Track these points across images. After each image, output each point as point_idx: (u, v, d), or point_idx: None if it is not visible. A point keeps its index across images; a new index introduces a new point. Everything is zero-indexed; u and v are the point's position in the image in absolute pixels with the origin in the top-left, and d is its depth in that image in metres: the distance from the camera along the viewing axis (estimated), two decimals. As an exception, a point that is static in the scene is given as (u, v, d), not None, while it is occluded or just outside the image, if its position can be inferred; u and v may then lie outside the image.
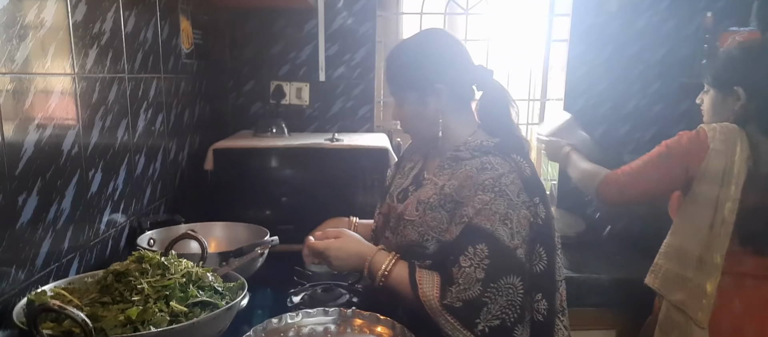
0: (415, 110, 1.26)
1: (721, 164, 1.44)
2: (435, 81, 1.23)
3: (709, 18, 2.31)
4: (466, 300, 1.09)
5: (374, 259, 1.22)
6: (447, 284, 1.12)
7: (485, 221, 1.11)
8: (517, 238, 1.12)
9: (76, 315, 0.75)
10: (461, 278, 1.10)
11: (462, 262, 1.11)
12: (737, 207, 1.42)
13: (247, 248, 1.31)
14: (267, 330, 1.10)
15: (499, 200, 1.12)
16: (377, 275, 1.20)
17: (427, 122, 1.26)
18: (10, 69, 0.95)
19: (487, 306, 1.08)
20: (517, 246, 1.11)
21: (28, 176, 1.00)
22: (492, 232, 1.11)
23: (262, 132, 2.17)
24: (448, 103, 1.25)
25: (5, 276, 0.95)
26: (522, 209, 1.14)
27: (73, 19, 1.15)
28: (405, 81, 1.26)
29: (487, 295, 1.09)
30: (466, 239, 1.12)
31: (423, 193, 1.23)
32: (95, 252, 1.27)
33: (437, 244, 1.18)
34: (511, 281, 1.10)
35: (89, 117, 1.23)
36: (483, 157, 1.19)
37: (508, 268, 1.10)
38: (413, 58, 1.25)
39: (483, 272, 1.09)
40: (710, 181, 1.45)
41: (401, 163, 1.44)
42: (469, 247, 1.11)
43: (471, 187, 1.15)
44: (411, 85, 1.26)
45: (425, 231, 1.19)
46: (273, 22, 2.42)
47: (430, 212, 1.19)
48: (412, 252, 1.21)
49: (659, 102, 2.56)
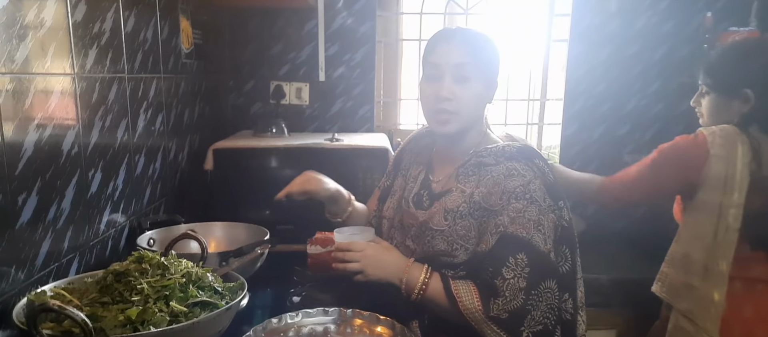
0: (479, 92, 1.22)
1: (722, 170, 1.41)
2: (497, 76, 1.26)
3: (708, 18, 2.31)
4: (511, 310, 1.10)
5: (411, 273, 1.20)
6: (490, 295, 1.12)
7: (521, 230, 1.12)
8: (549, 242, 1.14)
9: (76, 315, 0.75)
10: (507, 291, 1.11)
11: (505, 274, 1.11)
12: (742, 213, 1.40)
13: (247, 248, 1.31)
14: (267, 330, 1.10)
15: (531, 207, 1.13)
16: (415, 290, 1.18)
17: (479, 109, 1.26)
18: (9, 69, 0.95)
19: (530, 313, 1.10)
20: (550, 250, 1.14)
21: (28, 176, 1.00)
22: (529, 240, 1.12)
23: (262, 132, 2.17)
24: (491, 97, 1.27)
25: (5, 276, 0.95)
26: (550, 214, 1.15)
27: (73, 19, 1.15)
28: (485, 60, 1.23)
29: (530, 302, 1.10)
30: (504, 249, 1.13)
31: (450, 201, 1.21)
32: (95, 252, 1.27)
33: (466, 253, 1.18)
34: (549, 285, 1.12)
35: (89, 117, 1.22)
36: (508, 162, 1.19)
37: (545, 273, 1.12)
38: (492, 46, 1.25)
39: (525, 280, 1.10)
40: (712, 187, 1.42)
41: (401, 165, 1.42)
42: (509, 258, 1.12)
43: (500, 194, 1.15)
44: (487, 67, 1.24)
45: (454, 240, 1.19)
46: (273, 21, 2.42)
47: (459, 221, 1.19)
48: (440, 261, 1.21)
49: (659, 102, 2.56)
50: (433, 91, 1.21)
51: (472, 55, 1.20)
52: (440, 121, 1.22)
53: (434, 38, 1.24)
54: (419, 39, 2.73)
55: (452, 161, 1.27)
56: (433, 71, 1.22)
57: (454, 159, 1.27)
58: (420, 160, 1.37)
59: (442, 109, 1.20)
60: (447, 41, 1.21)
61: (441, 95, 1.19)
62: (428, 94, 1.22)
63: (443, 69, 1.20)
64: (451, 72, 1.19)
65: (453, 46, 1.20)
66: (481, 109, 1.26)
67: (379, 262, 1.21)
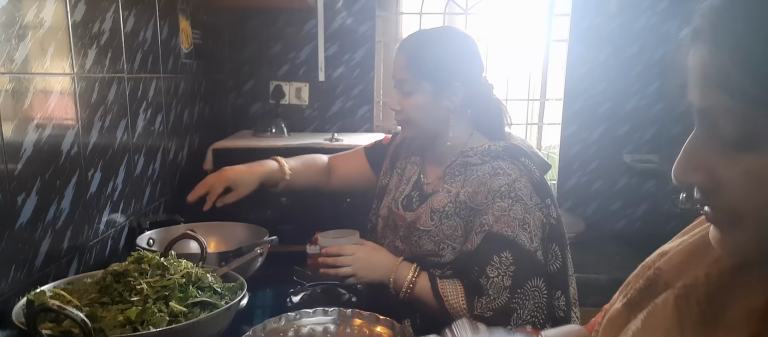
0: (426, 102, 1.21)
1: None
2: (454, 79, 1.20)
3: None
4: (495, 309, 1.10)
5: (399, 271, 1.21)
6: (475, 294, 1.13)
7: (506, 228, 1.12)
8: (535, 240, 1.13)
9: (76, 315, 0.75)
10: (491, 289, 1.11)
11: (489, 272, 1.11)
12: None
13: (247, 248, 1.30)
14: (266, 330, 1.10)
15: (516, 205, 1.13)
16: (402, 288, 1.20)
17: (434, 118, 1.23)
18: (9, 69, 0.95)
19: (516, 312, 1.10)
20: (537, 249, 1.13)
21: (28, 176, 1.00)
22: (514, 238, 1.12)
23: (262, 132, 2.17)
24: (459, 103, 1.22)
25: (4, 276, 0.95)
26: (536, 212, 1.15)
27: (73, 19, 1.14)
28: (425, 70, 1.20)
29: (515, 301, 1.10)
30: (489, 248, 1.13)
31: (436, 201, 1.22)
32: (94, 252, 1.27)
33: (453, 252, 1.19)
34: (535, 284, 1.12)
35: (88, 117, 1.22)
36: (493, 162, 1.18)
37: (532, 271, 1.12)
38: (438, 50, 1.21)
39: (510, 279, 1.10)
40: None
41: (395, 163, 1.41)
42: (494, 256, 1.12)
43: (486, 193, 1.15)
44: (430, 75, 1.20)
45: (441, 240, 1.19)
46: (272, 22, 2.42)
47: (445, 221, 1.19)
48: (428, 261, 1.22)
49: (659, 102, 2.56)
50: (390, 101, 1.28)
51: (411, 68, 1.21)
52: (399, 125, 1.31)
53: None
54: (419, 39, 2.73)
55: (441, 163, 1.27)
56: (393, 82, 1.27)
57: (442, 160, 1.27)
58: (415, 160, 1.37)
59: (396, 119, 1.28)
60: (396, 54, 1.25)
61: (392, 106, 1.26)
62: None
63: (395, 82, 1.25)
64: (398, 86, 1.25)
65: (397, 60, 1.24)
66: (439, 114, 1.23)
67: (370, 263, 1.23)
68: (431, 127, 1.25)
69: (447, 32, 1.29)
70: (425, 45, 1.22)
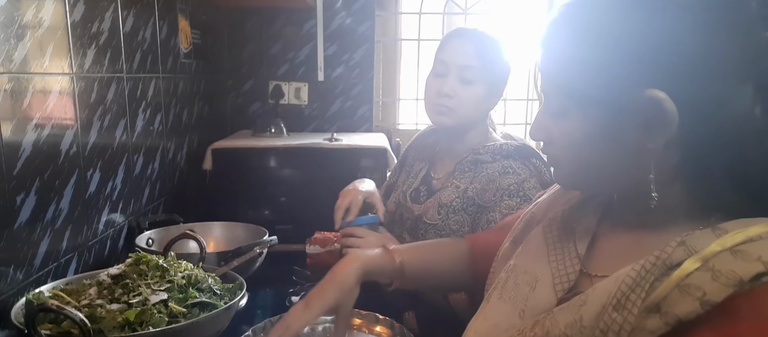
0: (482, 95, 1.22)
1: None
2: (505, 84, 1.26)
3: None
4: None
5: None
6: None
7: None
8: None
9: (75, 315, 0.75)
10: None
11: None
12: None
13: (246, 247, 1.30)
14: (266, 330, 1.10)
15: (524, 204, 1.13)
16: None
17: (480, 111, 1.26)
18: (8, 68, 0.95)
19: None
20: None
21: (27, 176, 1.00)
22: None
23: (261, 132, 2.17)
24: (494, 103, 1.28)
25: (3, 276, 0.94)
26: None
27: (72, 19, 1.14)
28: (495, 65, 1.23)
29: None
30: None
31: (444, 196, 1.22)
32: (94, 252, 1.26)
33: None
34: None
35: (87, 117, 1.22)
36: (504, 161, 1.19)
37: None
38: (507, 53, 1.24)
39: None
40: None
41: (406, 162, 1.44)
42: None
43: (494, 191, 1.16)
44: (496, 71, 1.23)
45: (447, 234, 1.20)
46: (272, 21, 2.42)
47: (452, 216, 1.20)
48: None
49: (658, 102, 2.57)
50: (436, 86, 1.22)
51: (481, 58, 1.20)
52: (438, 112, 1.23)
53: (448, 35, 1.25)
54: (418, 39, 2.73)
55: (453, 159, 1.28)
56: (441, 68, 1.23)
57: (454, 157, 1.28)
58: (423, 156, 1.39)
59: (441, 103, 1.22)
60: (459, 40, 1.22)
61: (442, 91, 1.21)
62: (431, 88, 1.24)
63: (450, 67, 1.21)
64: (457, 72, 1.20)
65: (463, 47, 1.21)
66: (481, 113, 1.27)
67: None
68: (473, 120, 1.25)
69: (505, 41, 1.30)
70: (498, 43, 1.24)
